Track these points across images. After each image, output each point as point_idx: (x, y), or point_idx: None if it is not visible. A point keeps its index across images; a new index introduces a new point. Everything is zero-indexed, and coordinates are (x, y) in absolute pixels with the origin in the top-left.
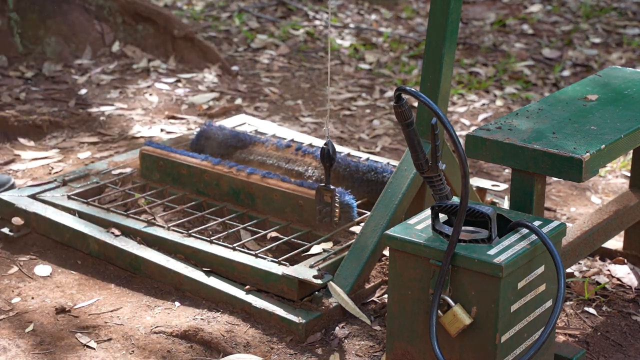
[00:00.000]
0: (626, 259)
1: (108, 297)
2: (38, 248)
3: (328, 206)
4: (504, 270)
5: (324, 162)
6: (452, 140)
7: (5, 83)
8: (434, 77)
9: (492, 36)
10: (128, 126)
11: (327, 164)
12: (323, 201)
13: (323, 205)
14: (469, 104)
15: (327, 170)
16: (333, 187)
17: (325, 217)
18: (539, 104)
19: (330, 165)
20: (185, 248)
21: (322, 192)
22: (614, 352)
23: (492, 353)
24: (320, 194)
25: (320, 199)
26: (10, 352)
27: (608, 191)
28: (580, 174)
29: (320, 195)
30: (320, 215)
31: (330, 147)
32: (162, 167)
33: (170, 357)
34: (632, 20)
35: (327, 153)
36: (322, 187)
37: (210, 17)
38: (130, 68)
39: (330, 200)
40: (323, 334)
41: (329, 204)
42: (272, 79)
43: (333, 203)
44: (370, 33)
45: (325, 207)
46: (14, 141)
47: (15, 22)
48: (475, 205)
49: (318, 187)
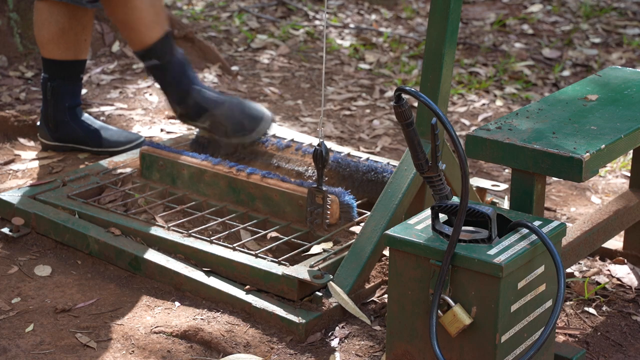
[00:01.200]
0: (626, 259)
1: (108, 297)
2: (38, 248)
3: (319, 208)
4: (504, 270)
5: (317, 164)
6: (452, 140)
7: (5, 83)
8: (434, 77)
9: (492, 36)
10: (128, 126)
11: (320, 165)
12: (314, 202)
13: (314, 207)
14: (469, 104)
15: (320, 172)
16: (325, 189)
17: (316, 219)
18: (539, 104)
19: (323, 166)
20: (185, 248)
21: (313, 193)
22: (614, 352)
23: (492, 353)
24: (312, 195)
25: (311, 200)
26: (10, 352)
27: (608, 191)
28: (580, 174)
29: (312, 197)
30: (311, 216)
31: (323, 148)
32: (162, 167)
33: (170, 357)
34: (632, 20)
35: (320, 154)
36: (313, 188)
37: (210, 17)
38: (130, 68)
39: (322, 202)
40: (323, 334)
41: (321, 206)
42: (272, 79)
43: (324, 205)
44: (370, 33)
45: (317, 208)
46: (14, 141)
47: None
48: (475, 205)
49: (310, 188)
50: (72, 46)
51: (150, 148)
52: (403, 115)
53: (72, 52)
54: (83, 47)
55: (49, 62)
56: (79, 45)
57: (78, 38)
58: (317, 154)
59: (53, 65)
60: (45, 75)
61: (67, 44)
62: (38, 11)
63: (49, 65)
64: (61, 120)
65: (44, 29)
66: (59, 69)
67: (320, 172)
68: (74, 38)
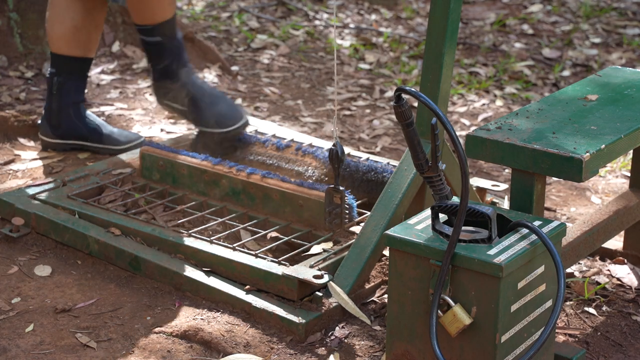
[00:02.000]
0: (626, 259)
1: (108, 297)
2: (38, 248)
3: (338, 207)
4: (504, 270)
5: (333, 164)
6: (452, 140)
7: (5, 83)
8: (434, 77)
9: (492, 36)
10: (128, 126)
11: (336, 165)
12: (333, 203)
13: (333, 207)
14: (469, 104)
15: (336, 172)
16: (342, 189)
17: (335, 219)
18: (539, 104)
19: (339, 166)
20: (185, 248)
21: (331, 194)
22: (614, 352)
23: (492, 353)
24: (330, 195)
25: (329, 201)
26: (10, 352)
27: (608, 191)
28: (580, 174)
29: (330, 197)
30: (329, 217)
31: (338, 148)
32: (162, 167)
33: (170, 357)
34: (632, 20)
35: (336, 154)
36: (331, 188)
37: (210, 17)
38: (130, 68)
39: (340, 202)
40: (323, 334)
41: (339, 206)
42: (272, 79)
43: (343, 204)
44: (370, 33)
45: (335, 208)
46: (14, 141)
47: (15, 22)
48: (475, 205)
49: (327, 189)
50: (82, 44)
51: (150, 148)
52: (403, 115)
53: (82, 49)
54: (93, 45)
55: (57, 58)
56: (89, 43)
57: (90, 36)
58: (332, 154)
59: (62, 61)
60: (52, 70)
61: (78, 42)
62: (53, 6)
63: (57, 61)
64: (65, 115)
65: (57, 25)
66: (67, 65)
67: (337, 172)
68: (86, 36)
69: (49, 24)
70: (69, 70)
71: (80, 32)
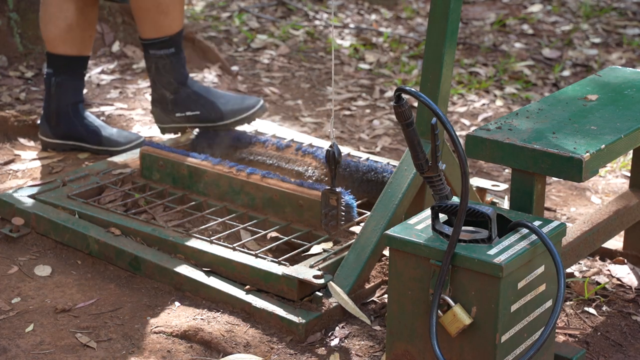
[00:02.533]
0: (626, 259)
1: (108, 297)
2: (38, 248)
3: (334, 209)
4: (504, 270)
5: (329, 165)
6: (452, 140)
7: (5, 83)
8: (434, 77)
9: (492, 36)
10: (128, 126)
11: (333, 167)
12: (329, 204)
13: (329, 209)
14: (469, 104)
15: (333, 173)
16: (339, 190)
17: (331, 221)
18: (539, 104)
19: (336, 167)
20: (185, 248)
21: (327, 195)
22: (614, 352)
23: (492, 353)
24: (326, 197)
25: (325, 202)
26: (10, 352)
27: (608, 191)
28: (580, 174)
29: (326, 198)
30: (325, 218)
31: (335, 149)
32: (162, 167)
33: (170, 357)
34: (632, 20)
35: (333, 155)
36: (327, 189)
37: (210, 17)
38: (130, 68)
39: (336, 204)
40: (323, 334)
41: (335, 207)
42: (272, 79)
43: (339, 206)
44: (370, 33)
45: (331, 210)
46: (14, 141)
47: (15, 22)
48: (475, 205)
49: (324, 190)
50: (77, 42)
51: (150, 148)
52: (403, 115)
53: (77, 48)
54: (88, 43)
55: (54, 57)
56: (84, 41)
57: (84, 34)
58: (329, 155)
59: (58, 60)
60: (50, 70)
61: (73, 40)
62: (46, 6)
63: (54, 60)
64: (64, 116)
65: (51, 24)
66: (63, 64)
67: (333, 173)
68: (80, 34)
69: (43, 24)
70: (67, 70)
71: (74, 30)
